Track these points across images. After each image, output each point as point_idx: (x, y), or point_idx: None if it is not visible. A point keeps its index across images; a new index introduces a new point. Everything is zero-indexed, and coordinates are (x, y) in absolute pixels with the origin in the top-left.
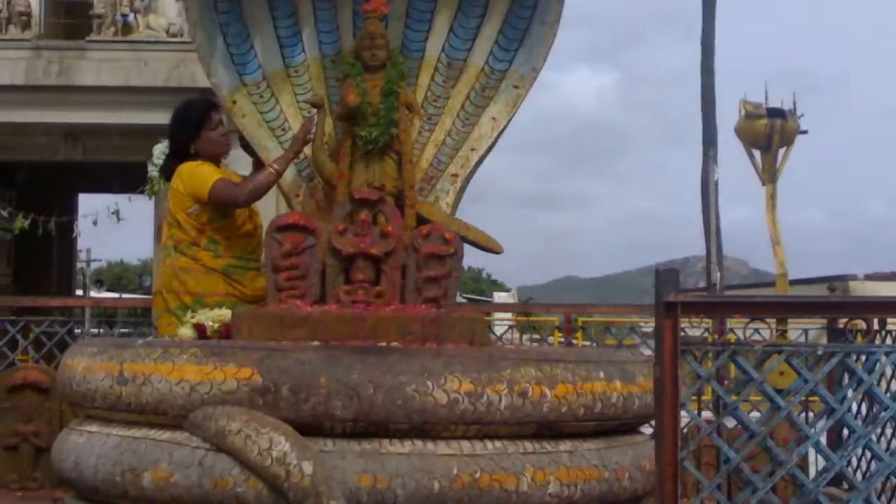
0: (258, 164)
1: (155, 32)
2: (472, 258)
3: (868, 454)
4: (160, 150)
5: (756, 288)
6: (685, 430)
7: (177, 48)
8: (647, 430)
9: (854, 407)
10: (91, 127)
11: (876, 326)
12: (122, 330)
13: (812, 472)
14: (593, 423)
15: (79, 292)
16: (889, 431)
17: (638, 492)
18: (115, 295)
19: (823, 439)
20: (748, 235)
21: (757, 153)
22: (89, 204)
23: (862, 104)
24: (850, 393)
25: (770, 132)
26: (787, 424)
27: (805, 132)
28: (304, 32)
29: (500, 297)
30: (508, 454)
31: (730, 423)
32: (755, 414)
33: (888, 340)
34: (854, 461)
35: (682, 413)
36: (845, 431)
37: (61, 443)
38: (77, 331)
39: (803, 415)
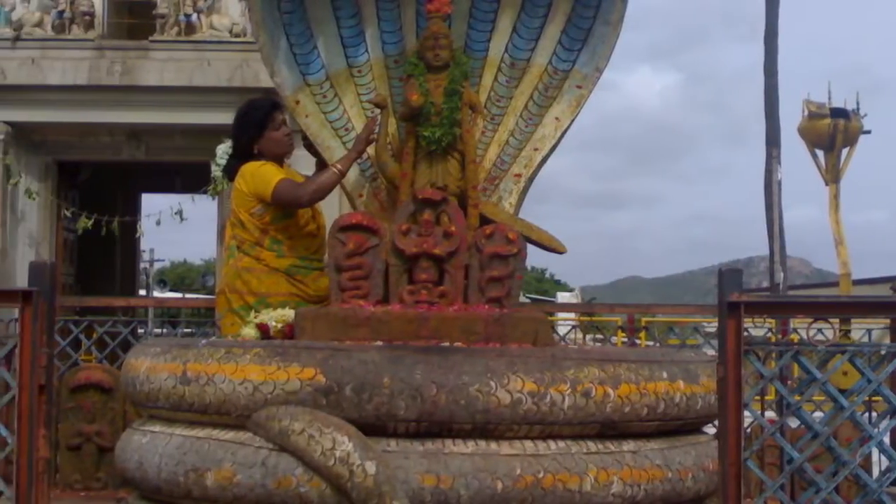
0: (321, 164)
1: (218, 32)
2: (535, 258)
3: None
4: (223, 149)
5: (819, 288)
6: (748, 430)
7: (240, 48)
8: (711, 429)
9: None
10: (154, 127)
11: None
12: (186, 330)
13: (875, 472)
14: (656, 422)
15: (142, 292)
16: None
17: (701, 492)
18: (179, 295)
19: (887, 439)
20: (811, 235)
21: (820, 153)
22: (152, 204)
23: None
24: None
25: (833, 132)
26: (851, 424)
27: (868, 132)
28: (367, 32)
29: (563, 297)
30: (572, 454)
31: (793, 423)
32: (818, 414)
33: None
34: None
35: (746, 413)
36: None
37: (125, 443)
38: (140, 331)
39: (867, 415)
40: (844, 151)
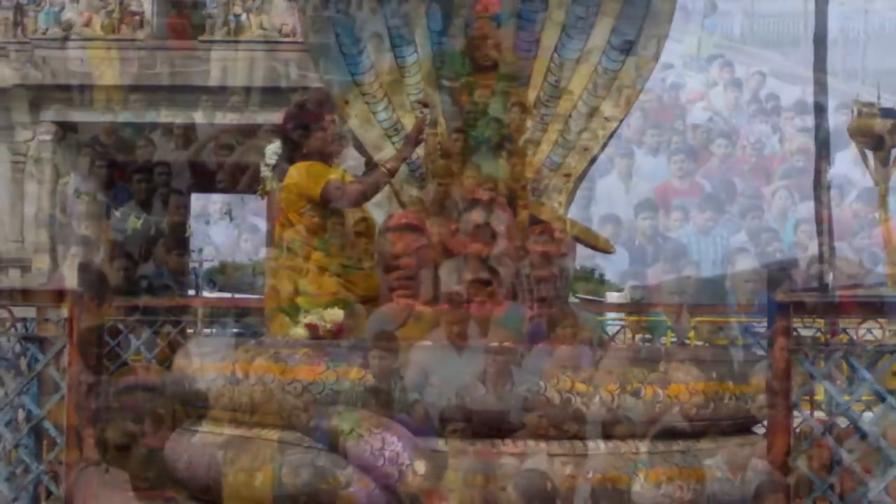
0: (370, 164)
1: (267, 32)
2: (584, 258)
3: None
4: (273, 150)
5: (868, 288)
6: (798, 430)
7: (289, 48)
8: (760, 429)
9: None
10: (203, 127)
11: None
12: (235, 330)
13: None
14: (706, 422)
15: (191, 292)
16: None
17: (750, 492)
18: (228, 295)
19: None
20: (860, 235)
21: (869, 153)
22: (202, 203)
23: None
24: None
25: (883, 132)
26: None
27: None
28: (416, 32)
29: (612, 297)
30: (621, 454)
31: (842, 422)
32: (868, 414)
33: None
34: None
35: (795, 413)
36: None
37: (174, 442)
38: (189, 331)
39: None
40: (894, 151)
